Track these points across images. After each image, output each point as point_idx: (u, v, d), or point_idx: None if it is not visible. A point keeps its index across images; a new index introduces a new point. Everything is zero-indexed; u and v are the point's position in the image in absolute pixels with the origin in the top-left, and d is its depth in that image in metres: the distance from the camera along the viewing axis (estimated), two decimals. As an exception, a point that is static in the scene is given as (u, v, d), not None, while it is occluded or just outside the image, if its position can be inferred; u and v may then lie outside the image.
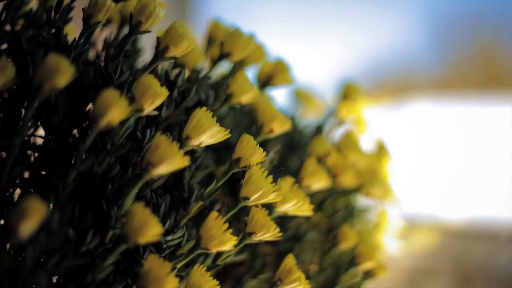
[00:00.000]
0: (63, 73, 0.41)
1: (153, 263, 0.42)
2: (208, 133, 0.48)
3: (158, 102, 0.47)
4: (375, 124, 0.81)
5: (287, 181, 0.52)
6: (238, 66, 0.62)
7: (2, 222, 0.49)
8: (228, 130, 0.49)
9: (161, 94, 0.46)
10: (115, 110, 0.43)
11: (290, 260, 0.50)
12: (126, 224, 0.42)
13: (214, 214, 0.48)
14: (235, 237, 0.48)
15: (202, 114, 0.48)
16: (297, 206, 0.52)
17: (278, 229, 0.50)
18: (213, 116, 0.49)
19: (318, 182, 0.57)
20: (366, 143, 0.78)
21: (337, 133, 0.78)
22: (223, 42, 0.58)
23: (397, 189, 0.77)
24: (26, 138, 0.51)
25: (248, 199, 0.49)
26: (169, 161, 0.44)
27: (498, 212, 1.68)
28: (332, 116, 0.78)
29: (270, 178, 0.50)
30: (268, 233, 0.50)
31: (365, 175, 0.66)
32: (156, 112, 0.47)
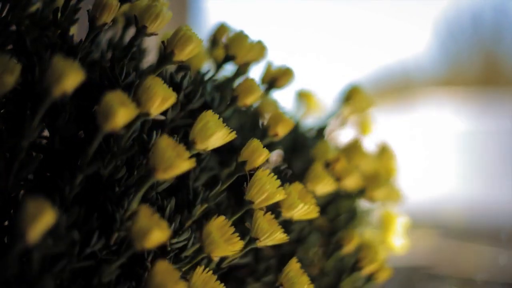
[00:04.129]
0: (71, 76, 0.41)
1: (161, 270, 0.42)
2: (214, 136, 0.48)
3: (166, 106, 0.46)
4: (379, 125, 0.81)
5: (297, 187, 0.52)
6: (243, 68, 0.62)
7: (6, 223, 0.49)
8: (234, 131, 0.49)
9: (170, 98, 0.46)
10: (121, 114, 0.43)
11: (293, 266, 0.50)
12: (131, 229, 0.42)
13: (219, 219, 0.48)
14: (241, 242, 0.48)
15: (209, 118, 0.48)
16: (304, 211, 0.52)
17: (284, 234, 0.50)
18: (219, 118, 0.48)
19: (323, 188, 0.57)
20: (370, 144, 0.78)
21: (340, 135, 0.78)
22: (227, 45, 0.58)
23: (401, 188, 0.77)
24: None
25: (253, 202, 0.50)
26: (174, 165, 0.44)
27: (498, 211, 1.68)
28: (334, 117, 0.78)
29: (278, 181, 0.50)
30: (272, 237, 0.50)
31: (369, 178, 0.66)
32: (162, 117, 0.47)
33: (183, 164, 0.44)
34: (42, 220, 0.37)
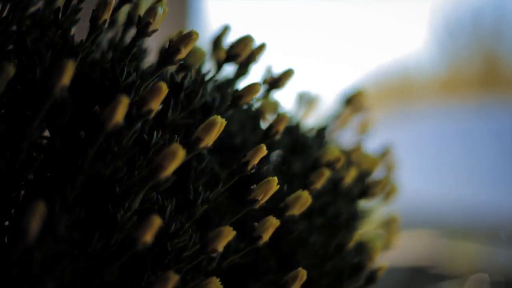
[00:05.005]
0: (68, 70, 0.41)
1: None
2: (216, 129, 0.49)
3: (162, 98, 0.47)
4: (379, 125, 0.81)
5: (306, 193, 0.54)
6: (243, 68, 0.62)
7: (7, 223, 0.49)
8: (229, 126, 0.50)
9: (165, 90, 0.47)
10: (122, 107, 0.43)
11: (301, 269, 0.51)
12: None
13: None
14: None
15: (215, 117, 0.49)
16: (302, 203, 0.53)
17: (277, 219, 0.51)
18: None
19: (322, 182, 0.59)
20: (370, 144, 0.78)
21: (341, 135, 0.79)
22: (230, 45, 0.58)
23: (400, 186, 0.77)
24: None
25: (257, 201, 0.50)
26: (175, 157, 0.44)
27: (498, 211, 1.68)
28: (335, 118, 0.79)
29: (275, 177, 0.51)
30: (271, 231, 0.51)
31: (370, 178, 0.67)
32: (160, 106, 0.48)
33: (181, 153, 0.44)
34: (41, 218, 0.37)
